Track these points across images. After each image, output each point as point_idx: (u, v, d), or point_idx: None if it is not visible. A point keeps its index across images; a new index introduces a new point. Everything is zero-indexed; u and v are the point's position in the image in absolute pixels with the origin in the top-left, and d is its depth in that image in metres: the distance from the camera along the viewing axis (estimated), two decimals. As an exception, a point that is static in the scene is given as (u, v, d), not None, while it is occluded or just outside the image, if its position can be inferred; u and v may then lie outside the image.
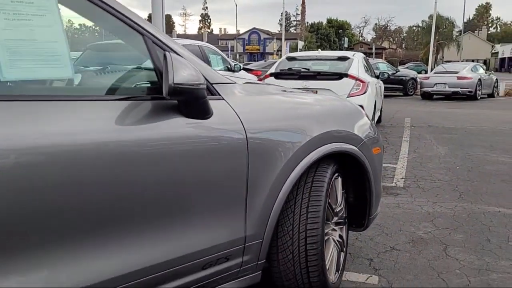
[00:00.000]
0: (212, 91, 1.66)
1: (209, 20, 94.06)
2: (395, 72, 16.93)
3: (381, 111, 8.77)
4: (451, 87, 14.85)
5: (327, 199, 2.00)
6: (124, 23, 1.47)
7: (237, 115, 1.67)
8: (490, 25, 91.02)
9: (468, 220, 3.33)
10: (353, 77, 6.36)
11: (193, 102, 1.51)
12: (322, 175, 1.98)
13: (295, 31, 74.15)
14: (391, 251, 2.77)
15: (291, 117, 1.95)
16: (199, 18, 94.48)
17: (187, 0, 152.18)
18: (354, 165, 2.23)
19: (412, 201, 3.80)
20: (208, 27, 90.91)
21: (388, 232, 3.08)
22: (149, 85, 1.60)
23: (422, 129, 8.27)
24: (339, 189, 2.20)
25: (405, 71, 20.00)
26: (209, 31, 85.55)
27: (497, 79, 17.11)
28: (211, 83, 1.66)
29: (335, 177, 2.11)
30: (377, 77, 8.00)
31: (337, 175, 2.14)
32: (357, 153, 2.15)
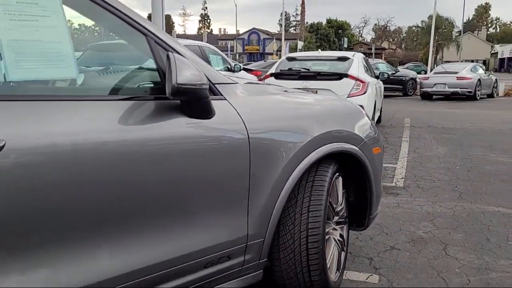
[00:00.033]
0: (214, 91, 1.67)
1: (208, 20, 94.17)
2: (395, 72, 16.93)
3: (381, 111, 8.79)
4: (450, 88, 14.86)
5: (328, 198, 2.01)
6: (127, 23, 1.48)
7: (239, 115, 1.69)
8: (489, 26, 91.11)
9: (467, 219, 3.34)
10: (353, 78, 6.37)
11: (196, 102, 1.53)
12: (323, 174, 2.00)
13: (294, 31, 74.16)
14: (391, 250, 2.79)
15: (293, 117, 1.96)
16: (199, 18, 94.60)
17: (187, 0, 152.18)
18: (354, 165, 2.25)
19: (412, 201, 3.82)
20: (207, 27, 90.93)
21: (388, 231, 3.10)
22: (152, 85, 1.61)
23: (421, 129, 8.29)
24: (340, 188, 2.21)
25: (405, 71, 20.02)
26: (209, 31, 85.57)
27: (496, 80, 17.13)
28: (213, 83, 1.68)
29: (336, 176, 2.12)
30: (377, 77, 8.01)
31: (338, 174, 2.15)
32: (357, 153, 2.16)
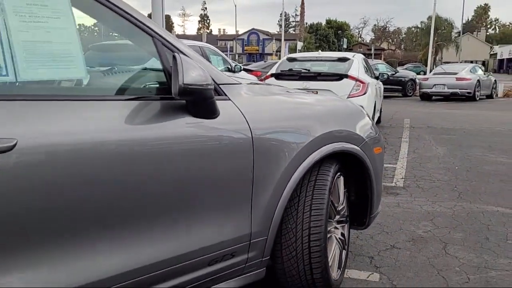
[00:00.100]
0: (218, 91, 1.70)
1: (208, 20, 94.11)
2: (394, 73, 16.98)
3: (381, 112, 8.81)
4: (450, 88, 14.90)
5: (330, 197, 2.04)
6: (135, 25, 1.51)
7: (243, 115, 1.71)
8: (488, 27, 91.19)
9: (467, 219, 3.38)
10: (353, 78, 6.40)
11: (201, 102, 1.55)
12: (325, 174, 2.03)
13: (294, 32, 74.13)
14: (391, 249, 2.82)
15: (295, 117, 1.99)
16: (198, 18, 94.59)
17: (186, 0, 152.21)
18: (356, 165, 2.27)
19: (412, 201, 3.85)
20: (207, 28, 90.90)
21: (388, 230, 3.12)
22: (158, 85, 1.64)
23: (421, 129, 8.32)
24: (341, 188, 2.24)
25: (404, 72, 20.06)
26: (208, 31, 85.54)
27: (495, 80, 17.17)
28: (217, 83, 1.70)
29: (337, 176, 2.15)
30: (377, 78, 8.04)
31: (339, 174, 2.18)
32: (359, 153, 2.19)
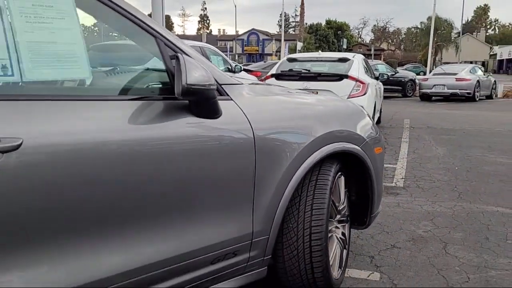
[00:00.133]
0: (221, 91, 1.71)
1: (208, 21, 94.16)
2: (394, 73, 17.00)
3: (381, 112, 8.83)
4: (449, 89, 14.91)
5: (331, 197, 2.06)
6: (138, 26, 1.52)
7: (245, 115, 1.73)
8: (488, 27, 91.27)
9: (467, 219, 3.39)
10: (353, 79, 6.42)
11: (204, 102, 1.57)
12: (326, 173, 2.04)
13: (294, 32, 74.15)
14: (392, 249, 2.83)
15: (297, 118, 2.00)
16: (198, 19, 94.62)
17: (186, 0, 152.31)
18: (356, 165, 2.29)
19: (412, 201, 3.86)
20: (207, 28, 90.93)
21: (388, 230, 3.14)
22: (160, 85, 1.65)
23: (421, 130, 8.34)
24: (342, 187, 2.25)
25: (404, 72, 20.08)
26: (208, 32, 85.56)
27: (495, 81, 17.19)
28: (220, 84, 1.71)
29: (338, 176, 2.16)
30: (377, 78, 8.05)
31: (340, 174, 2.19)
32: (359, 153, 2.21)
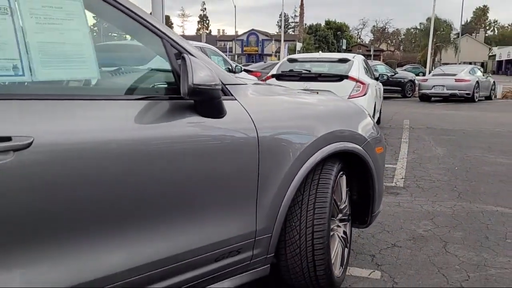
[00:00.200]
0: (225, 91, 1.74)
1: (207, 21, 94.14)
2: (394, 74, 17.04)
3: (380, 113, 8.86)
4: (449, 89, 14.96)
5: (333, 196, 2.08)
6: (144, 27, 1.55)
7: (249, 115, 1.75)
8: (487, 28, 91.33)
9: (467, 218, 3.42)
10: (353, 79, 6.44)
11: (209, 102, 1.59)
12: (328, 173, 2.06)
13: (293, 33, 74.17)
14: (392, 247, 2.86)
15: (299, 117, 2.03)
16: (198, 19, 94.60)
17: (186, 1, 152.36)
18: (358, 164, 2.31)
19: (412, 200, 3.89)
20: (206, 28, 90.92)
21: (389, 229, 3.16)
22: (166, 85, 1.67)
23: (420, 130, 8.37)
24: (343, 186, 2.28)
25: (403, 73, 20.12)
26: (208, 32, 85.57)
27: (494, 82, 17.24)
28: (224, 84, 1.74)
29: (340, 175, 2.19)
30: (377, 79, 8.08)
31: (342, 173, 2.21)
32: (361, 152, 2.23)
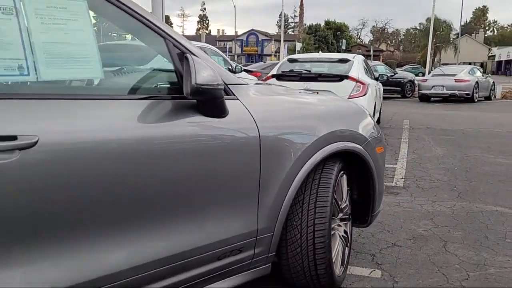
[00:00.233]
0: (227, 91, 1.75)
1: (207, 21, 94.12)
2: (393, 74, 17.06)
3: (380, 113, 8.88)
4: (448, 90, 14.98)
5: (334, 195, 2.09)
6: (147, 27, 1.56)
7: (251, 115, 1.76)
8: (487, 28, 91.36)
9: (466, 218, 3.43)
10: (353, 79, 6.45)
11: (212, 101, 1.60)
12: (329, 172, 2.08)
13: (293, 33, 74.19)
14: (392, 247, 2.87)
15: (301, 117, 2.04)
16: (197, 19, 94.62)
17: (186, 1, 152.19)
18: (358, 164, 2.33)
19: (412, 200, 3.91)
20: (206, 28, 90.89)
21: (389, 229, 3.18)
22: (169, 85, 1.69)
23: (420, 130, 8.39)
24: (344, 186, 2.29)
25: (403, 73, 20.15)
26: (207, 32, 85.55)
27: (494, 82, 17.26)
28: (226, 83, 1.75)
29: (340, 174, 2.20)
30: (376, 79, 8.10)
31: (342, 173, 2.23)
32: (361, 152, 2.25)
